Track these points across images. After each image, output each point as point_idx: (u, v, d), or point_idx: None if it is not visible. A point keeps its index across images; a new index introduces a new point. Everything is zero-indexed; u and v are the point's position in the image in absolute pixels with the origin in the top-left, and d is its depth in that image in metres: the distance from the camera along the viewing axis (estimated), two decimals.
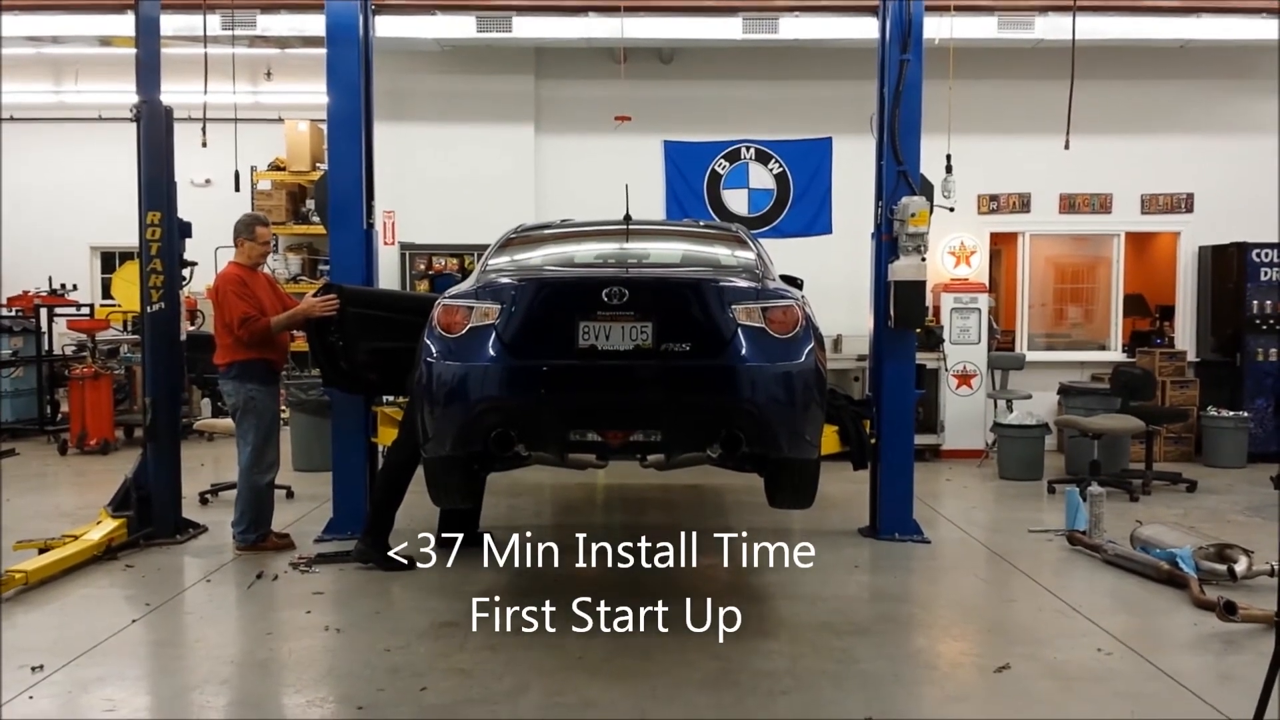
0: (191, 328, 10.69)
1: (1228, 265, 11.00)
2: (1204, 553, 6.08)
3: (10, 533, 6.77)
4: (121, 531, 6.63)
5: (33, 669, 4.57)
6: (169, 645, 5.11)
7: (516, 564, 6.58)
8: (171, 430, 7.07)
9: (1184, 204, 11.48)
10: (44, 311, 11.81)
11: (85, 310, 12.06)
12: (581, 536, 7.69)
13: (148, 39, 7.05)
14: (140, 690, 4.57)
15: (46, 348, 11.92)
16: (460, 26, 10.14)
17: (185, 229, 7.22)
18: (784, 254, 7.64)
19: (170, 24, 7.99)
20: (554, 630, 5.15)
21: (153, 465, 6.94)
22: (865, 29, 8.50)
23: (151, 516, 6.86)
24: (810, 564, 6.49)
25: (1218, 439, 10.35)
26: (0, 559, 5.96)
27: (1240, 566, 5.97)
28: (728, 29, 10.17)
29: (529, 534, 6.33)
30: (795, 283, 6.00)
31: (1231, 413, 10.39)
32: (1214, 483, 9.36)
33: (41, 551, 6.22)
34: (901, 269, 7.01)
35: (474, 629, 5.19)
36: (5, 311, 11.79)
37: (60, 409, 11.89)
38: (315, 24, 8.11)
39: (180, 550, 6.83)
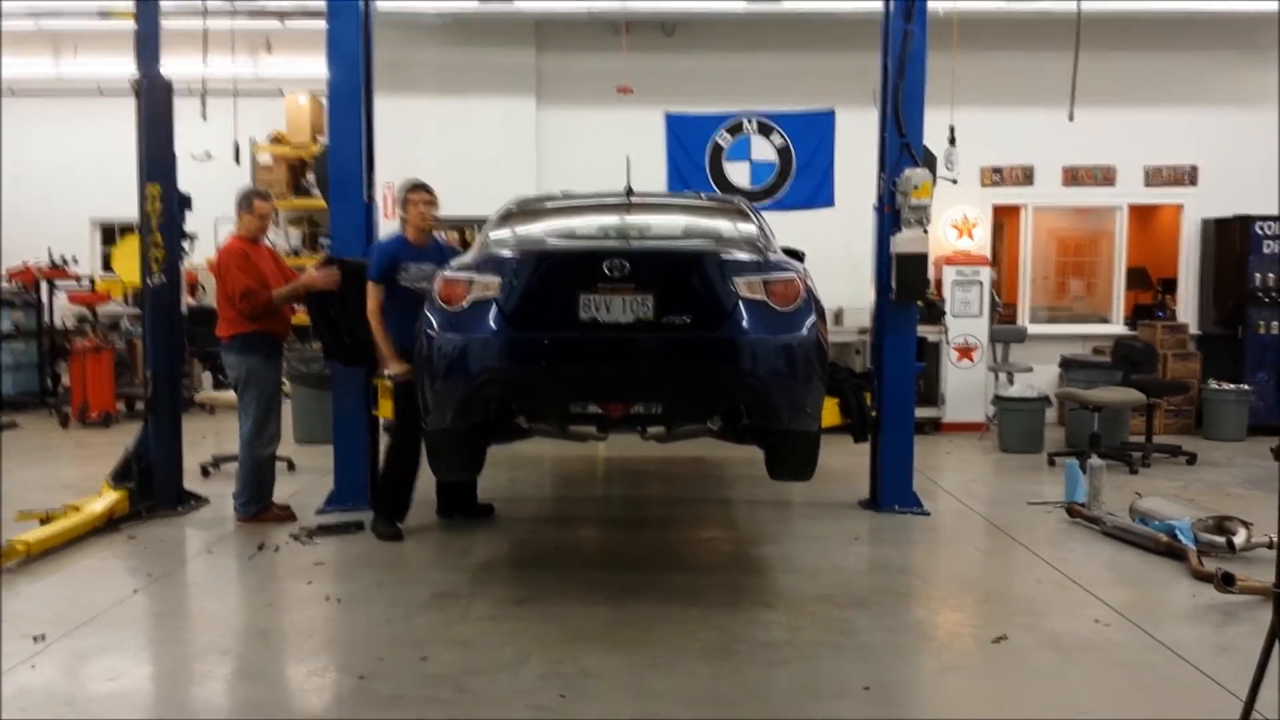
0: (192, 301, 10.69)
1: (1231, 238, 10.97)
2: (1203, 525, 6.10)
3: (12, 504, 6.80)
4: (123, 503, 6.66)
5: (35, 639, 4.59)
6: (171, 615, 5.14)
7: (517, 536, 6.64)
8: (173, 403, 7.08)
9: (1188, 176, 11.44)
10: (45, 285, 11.81)
11: (86, 283, 12.04)
12: (582, 509, 7.78)
13: (147, 11, 6.99)
14: (142, 660, 4.59)
15: (47, 321, 11.93)
16: None
17: (185, 202, 7.21)
18: (786, 227, 7.58)
19: None
20: (554, 601, 5.19)
21: (154, 437, 6.96)
22: None
23: (153, 488, 6.89)
24: (810, 536, 6.55)
25: (1218, 412, 10.36)
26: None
27: (1239, 539, 5.98)
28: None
29: (529, 506, 6.36)
30: (797, 255, 5.98)
31: (1233, 386, 10.40)
32: (1214, 456, 9.37)
33: (43, 523, 6.24)
34: (904, 241, 6.99)
35: (475, 600, 5.22)
36: (6, 285, 11.78)
37: (61, 382, 11.90)
38: None
39: (182, 522, 6.86)
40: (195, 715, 4.01)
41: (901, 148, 7.04)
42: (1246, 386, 10.41)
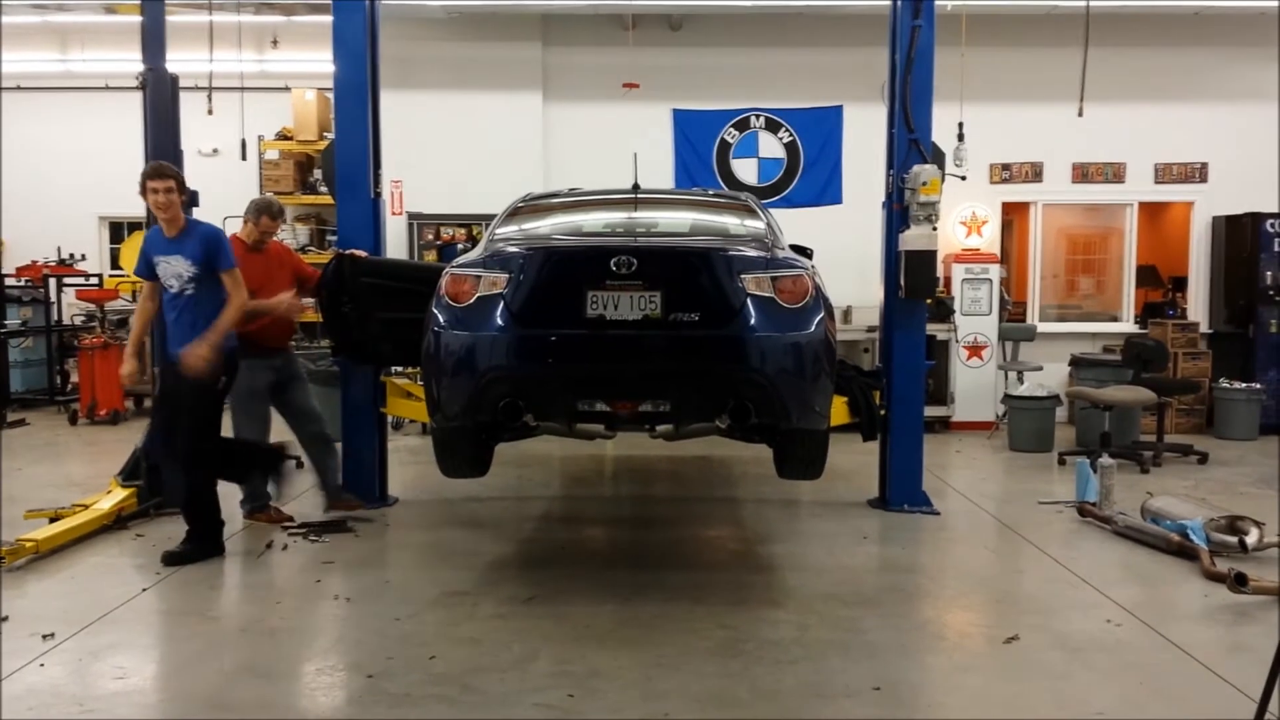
0: None
1: (1241, 236, 10.92)
2: (1215, 524, 6.06)
3: (21, 502, 6.80)
4: (131, 501, 6.65)
5: (44, 637, 4.59)
6: (179, 613, 5.13)
7: (525, 535, 6.63)
8: None
9: (1198, 173, 11.39)
10: (53, 281, 11.81)
11: (94, 280, 12.05)
12: (590, 507, 7.76)
13: (152, 6, 6.97)
14: (151, 658, 4.59)
15: (56, 318, 11.94)
16: None
17: (192, 198, 7.17)
18: (794, 224, 7.58)
19: None
20: (562, 600, 5.18)
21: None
22: None
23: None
24: (818, 535, 6.52)
25: (1230, 411, 10.31)
26: None
27: (1251, 538, 5.95)
28: None
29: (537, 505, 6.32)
30: (805, 252, 5.95)
31: (1244, 384, 10.35)
32: (1225, 455, 9.32)
33: (52, 520, 6.24)
34: (912, 238, 6.96)
35: (483, 599, 5.21)
36: (14, 282, 11.79)
37: (70, 379, 11.91)
38: None
39: None
40: (204, 714, 4.00)
41: (910, 144, 7.00)
42: (1258, 385, 10.36)
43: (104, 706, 3.95)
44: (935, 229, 7.02)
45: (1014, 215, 11.97)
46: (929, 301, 7.53)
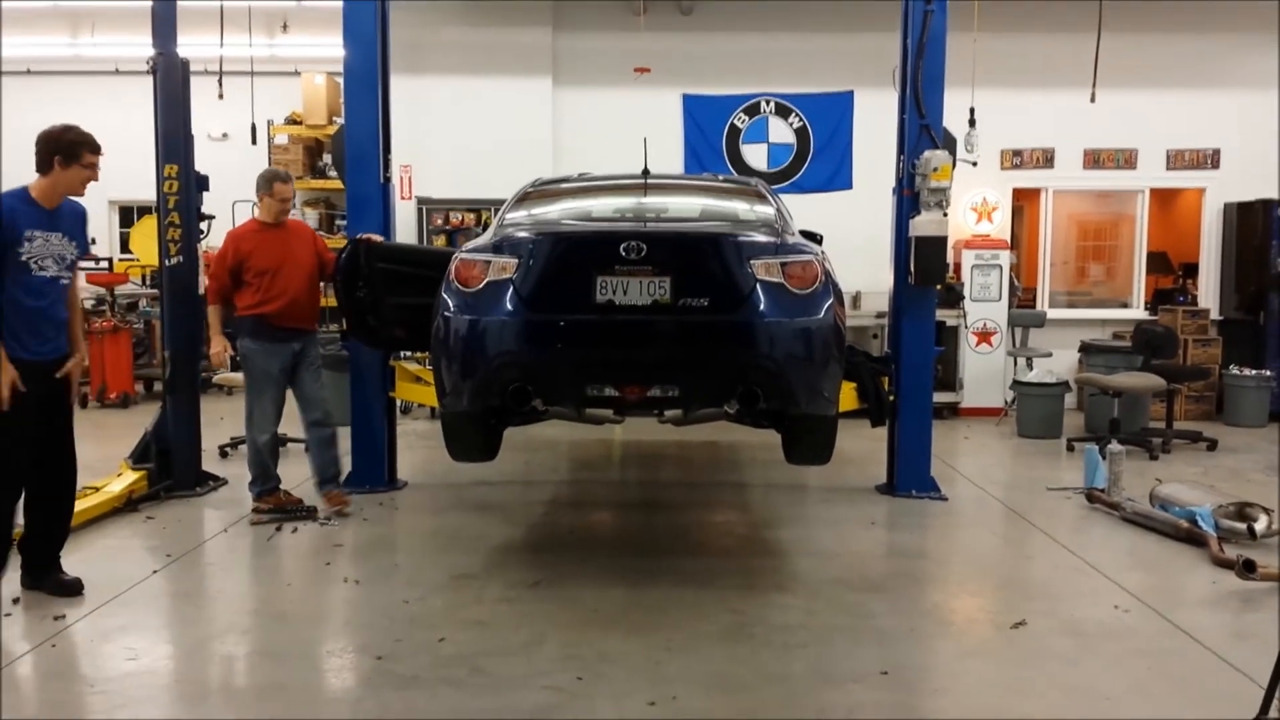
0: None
1: (1253, 222, 10.86)
2: (1223, 511, 6.05)
3: None
4: (142, 484, 6.69)
5: (55, 618, 4.63)
6: (189, 595, 5.17)
7: (532, 519, 6.65)
8: (191, 384, 7.10)
9: (1210, 160, 11.31)
10: None
11: (104, 264, 12.07)
12: (597, 492, 7.78)
13: None
14: (161, 639, 4.61)
15: None
16: None
17: (203, 182, 7.21)
18: (804, 209, 7.55)
19: None
20: (570, 584, 5.19)
21: (172, 418, 6.98)
22: None
23: (171, 469, 6.92)
24: (826, 521, 6.53)
25: (1239, 398, 10.27)
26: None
27: (1260, 525, 5.94)
28: None
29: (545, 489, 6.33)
30: (815, 238, 5.95)
31: (1254, 371, 10.31)
32: (1235, 441, 9.29)
33: None
34: (923, 224, 6.94)
35: (491, 582, 5.24)
36: None
37: None
38: None
39: (200, 502, 6.89)
40: (215, 695, 4.04)
41: (921, 129, 6.97)
42: (1267, 372, 10.32)
43: (115, 688, 3.98)
44: (946, 215, 7.00)
45: (1025, 201, 11.91)
46: (939, 287, 7.51)
